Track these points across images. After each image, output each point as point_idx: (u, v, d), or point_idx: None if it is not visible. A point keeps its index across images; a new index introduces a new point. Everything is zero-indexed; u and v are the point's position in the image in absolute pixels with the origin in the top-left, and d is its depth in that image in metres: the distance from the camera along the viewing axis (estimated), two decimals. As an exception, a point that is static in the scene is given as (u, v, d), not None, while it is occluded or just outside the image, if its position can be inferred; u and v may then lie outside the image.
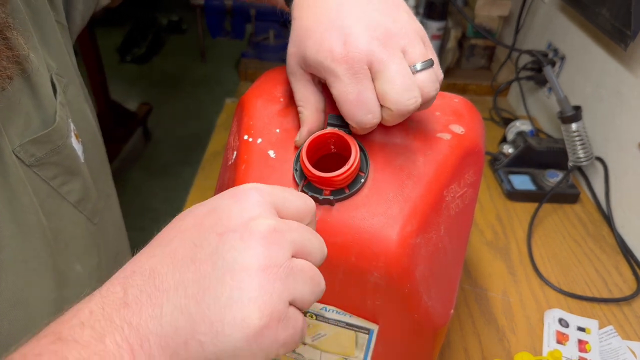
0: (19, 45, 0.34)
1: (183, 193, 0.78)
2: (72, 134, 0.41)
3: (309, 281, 0.24)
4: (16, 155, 0.36)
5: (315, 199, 0.33)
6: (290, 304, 0.23)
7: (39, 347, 0.21)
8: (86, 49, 1.72)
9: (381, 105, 0.31)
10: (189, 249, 0.23)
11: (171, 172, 2.09)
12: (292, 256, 0.24)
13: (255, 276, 0.22)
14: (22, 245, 0.36)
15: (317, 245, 0.26)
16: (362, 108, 0.31)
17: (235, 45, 2.75)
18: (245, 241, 0.23)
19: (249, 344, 0.22)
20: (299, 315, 0.24)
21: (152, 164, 2.14)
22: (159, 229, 0.26)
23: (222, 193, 0.26)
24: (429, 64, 0.31)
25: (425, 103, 0.32)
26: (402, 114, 0.31)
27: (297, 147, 0.36)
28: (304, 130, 0.35)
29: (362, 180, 0.34)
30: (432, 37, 1.04)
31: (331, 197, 0.33)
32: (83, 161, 0.43)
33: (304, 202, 0.27)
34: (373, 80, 0.31)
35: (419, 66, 0.31)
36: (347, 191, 0.33)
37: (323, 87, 0.36)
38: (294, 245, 0.24)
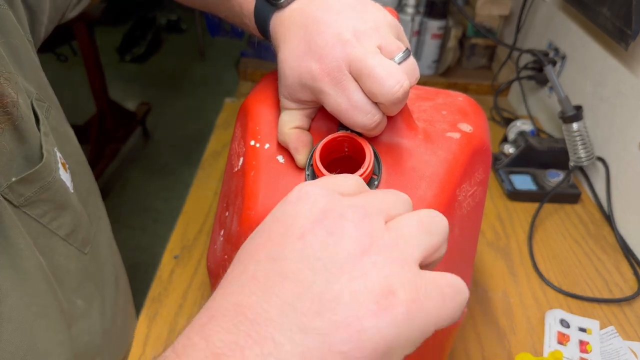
0: (5, 92, 0.33)
1: (183, 193, 0.78)
2: (60, 165, 0.40)
3: (423, 234, 0.21)
4: (4, 197, 0.34)
5: None
6: (421, 266, 0.21)
7: None
8: (85, 49, 1.71)
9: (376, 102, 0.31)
10: (270, 266, 0.20)
11: (171, 172, 2.09)
12: (387, 222, 0.22)
13: (364, 260, 0.19)
14: (23, 291, 0.35)
15: (405, 199, 0.23)
16: (357, 112, 0.31)
17: (235, 44, 2.75)
18: (333, 231, 0.20)
19: (398, 328, 0.18)
20: (439, 276, 0.21)
21: (151, 164, 2.14)
22: (159, 229, 0.24)
23: (277, 206, 0.23)
24: (406, 55, 0.31)
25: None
26: (395, 103, 0.30)
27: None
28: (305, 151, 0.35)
29: (376, 183, 0.33)
30: (433, 37, 1.04)
31: None
32: (72, 191, 0.42)
33: (355, 180, 0.24)
34: (358, 81, 0.31)
35: (397, 59, 0.31)
36: None
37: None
38: (382, 212, 0.22)
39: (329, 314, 0.18)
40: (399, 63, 0.31)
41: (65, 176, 0.40)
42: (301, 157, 0.35)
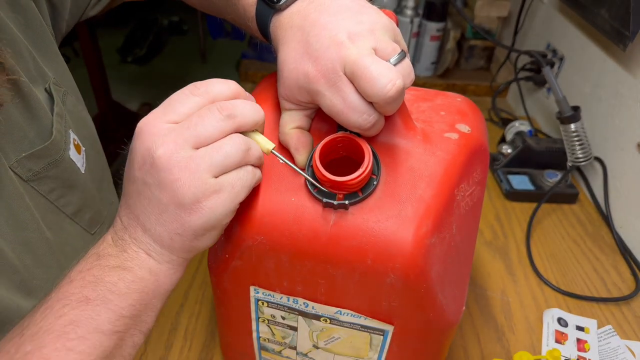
0: (11, 67, 0.34)
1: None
2: (71, 146, 0.41)
3: (217, 156, 0.29)
4: (13, 171, 0.36)
5: (330, 204, 0.33)
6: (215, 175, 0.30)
7: (88, 264, 0.31)
8: (87, 50, 1.72)
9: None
10: (129, 187, 0.31)
11: (172, 173, 2.09)
12: (196, 147, 0.30)
13: (174, 179, 0.29)
14: (25, 262, 0.36)
15: (218, 126, 0.30)
16: (353, 113, 0.31)
17: (236, 46, 2.75)
18: (158, 171, 0.29)
19: (206, 219, 0.30)
20: (219, 183, 0.30)
21: (152, 165, 2.14)
22: None
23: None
24: (401, 57, 0.32)
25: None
26: (389, 102, 0.31)
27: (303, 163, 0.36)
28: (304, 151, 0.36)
29: (375, 183, 0.34)
30: (431, 38, 1.04)
31: (346, 202, 0.33)
32: (83, 172, 0.43)
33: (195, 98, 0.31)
34: (352, 82, 0.31)
35: (392, 61, 0.31)
36: (360, 194, 0.33)
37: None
38: (189, 141, 0.29)
39: (168, 220, 0.30)
40: (394, 65, 0.31)
41: (76, 157, 0.42)
42: (301, 158, 0.35)
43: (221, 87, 0.32)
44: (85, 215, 0.44)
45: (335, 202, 0.33)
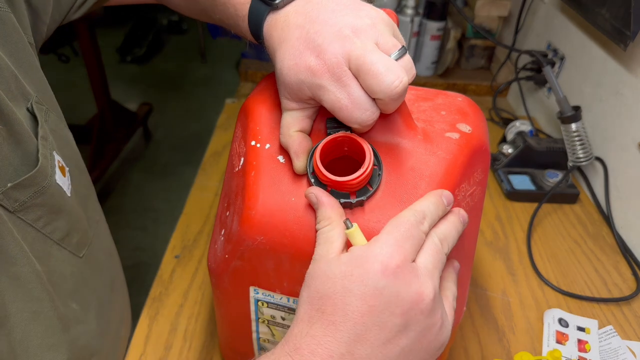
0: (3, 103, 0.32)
1: (183, 193, 0.78)
2: (57, 169, 0.39)
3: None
4: None
5: (348, 204, 0.33)
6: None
7: None
8: (86, 49, 1.71)
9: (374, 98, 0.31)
10: (377, 331, 0.28)
11: (172, 172, 2.09)
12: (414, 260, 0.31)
13: (435, 314, 0.30)
14: (15, 296, 0.35)
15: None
16: (357, 109, 0.31)
17: (236, 45, 2.75)
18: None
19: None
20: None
21: (152, 164, 2.14)
22: (159, 229, 0.25)
23: (359, 265, 0.29)
24: (402, 52, 0.31)
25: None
26: (394, 99, 0.30)
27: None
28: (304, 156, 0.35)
29: (380, 173, 0.34)
30: (432, 38, 1.04)
31: (363, 198, 0.33)
32: (69, 195, 0.41)
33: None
34: (357, 77, 0.31)
35: (394, 56, 0.31)
36: (370, 189, 0.34)
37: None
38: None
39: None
40: (396, 60, 0.31)
41: (62, 180, 0.40)
42: (300, 163, 0.35)
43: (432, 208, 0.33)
44: (72, 239, 0.42)
45: (353, 201, 0.33)
